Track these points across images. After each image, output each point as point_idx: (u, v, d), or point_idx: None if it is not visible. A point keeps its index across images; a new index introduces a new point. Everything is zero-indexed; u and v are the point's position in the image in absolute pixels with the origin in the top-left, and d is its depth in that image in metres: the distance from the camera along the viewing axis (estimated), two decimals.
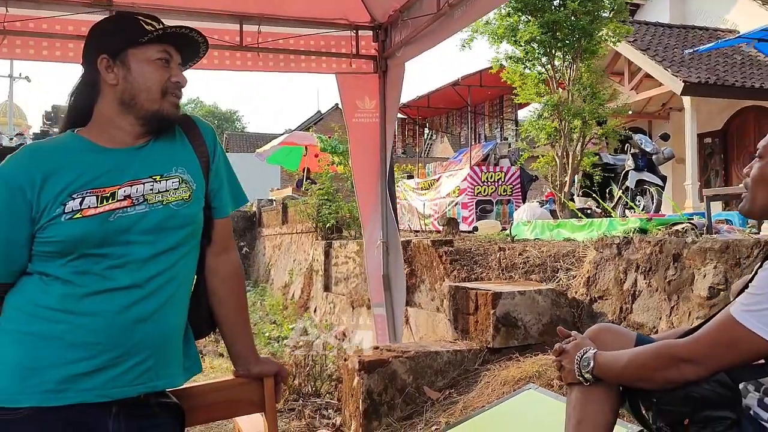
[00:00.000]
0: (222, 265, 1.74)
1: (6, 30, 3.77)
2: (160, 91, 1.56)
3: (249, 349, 1.80)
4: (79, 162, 1.50)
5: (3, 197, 1.46)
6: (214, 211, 1.70)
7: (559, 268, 4.62)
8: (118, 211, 1.47)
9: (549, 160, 8.09)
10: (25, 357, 1.43)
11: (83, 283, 1.46)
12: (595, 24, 7.50)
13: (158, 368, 1.53)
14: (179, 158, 1.61)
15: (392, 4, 4.23)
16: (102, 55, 1.54)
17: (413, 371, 3.67)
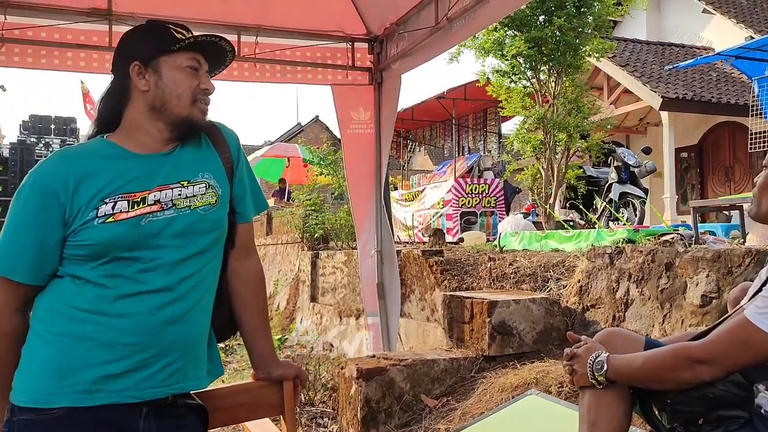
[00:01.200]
0: (245, 269, 1.78)
1: (4, 38, 3.77)
2: (191, 98, 1.60)
3: (269, 352, 1.84)
4: (111, 167, 1.53)
5: (37, 201, 1.48)
6: (238, 216, 1.74)
7: (550, 278, 4.70)
8: (148, 215, 1.51)
9: (534, 173, 8.21)
10: (59, 358, 1.45)
11: (115, 285, 1.48)
12: (580, 39, 7.67)
13: (186, 370, 1.56)
14: (205, 164, 1.65)
15: (389, 17, 4.30)
16: (134, 62, 1.58)
17: (410, 379, 3.71)
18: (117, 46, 1.67)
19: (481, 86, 8.90)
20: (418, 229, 10.49)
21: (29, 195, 1.50)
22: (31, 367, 1.47)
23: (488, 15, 3.42)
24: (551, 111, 7.85)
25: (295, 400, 1.86)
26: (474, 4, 3.43)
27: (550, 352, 3.81)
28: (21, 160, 22.20)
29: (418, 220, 10.66)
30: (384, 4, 4.27)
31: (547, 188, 7.95)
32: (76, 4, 3.94)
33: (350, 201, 4.95)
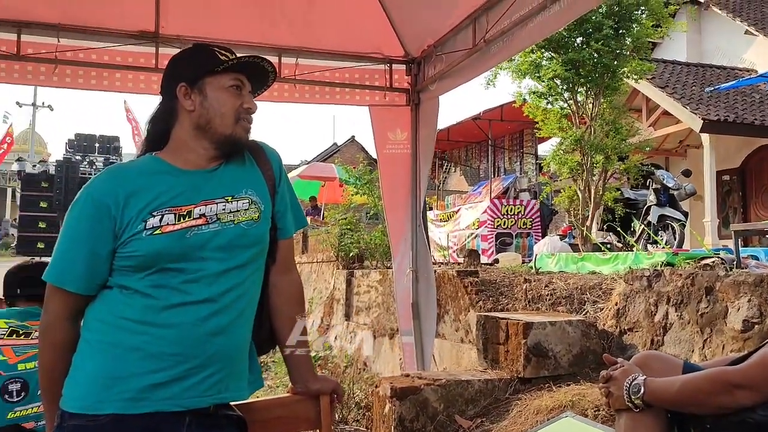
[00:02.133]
0: (285, 284, 1.82)
1: (58, 60, 3.93)
2: (234, 117, 1.66)
3: (307, 366, 1.87)
4: (159, 182, 1.60)
5: (90, 214, 1.56)
6: (279, 232, 1.79)
7: (586, 300, 4.65)
8: (194, 228, 1.56)
9: (571, 194, 8.15)
10: (108, 366, 1.51)
11: (161, 296, 1.54)
12: (619, 61, 7.63)
13: (228, 381, 1.60)
14: (248, 181, 1.71)
15: (426, 40, 4.35)
16: (181, 83, 1.66)
17: (444, 399, 3.70)
18: (165, 69, 1.75)
19: (517, 107, 8.91)
20: (452, 250, 10.48)
21: (83, 209, 1.57)
22: (82, 375, 1.53)
23: (526, 37, 3.44)
24: (589, 132, 7.80)
25: (331, 414, 1.88)
26: (512, 27, 3.46)
27: (586, 375, 3.77)
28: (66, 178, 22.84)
29: (452, 240, 10.65)
30: (422, 27, 4.33)
31: (584, 210, 7.88)
32: (125, 27, 4.08)
33: (386, 220, 4.99)
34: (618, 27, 7.61)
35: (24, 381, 2.08)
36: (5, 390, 2.05)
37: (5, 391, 2.05)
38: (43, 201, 21.50)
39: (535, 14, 3.23)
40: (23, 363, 2.11)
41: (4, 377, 2.07)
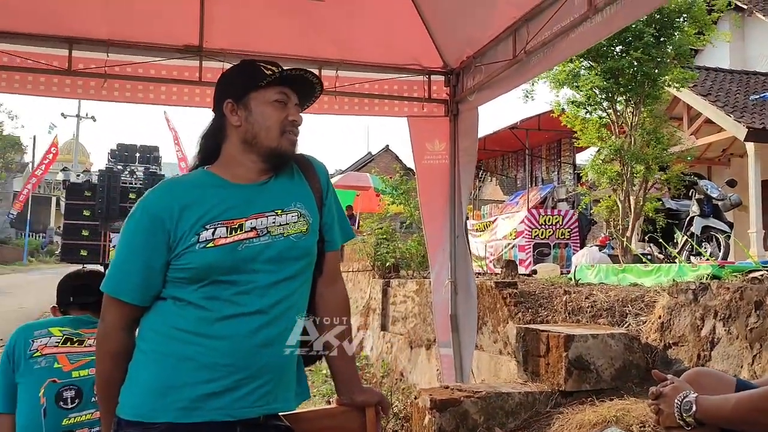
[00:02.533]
0: (332, 295, 1.84)
1: (107, 74, 4.04)
2: (279, 130, 1.69)
3: (353, 377, 1.88)
4: (211, 196, 1.63)
5: (146, 227, 1.60)
6: (326, 245, 1.81)
7: (628, 313, 4.58)
8: (245, 241, 1.60)
9: (610, 205, 8.04)
10: (162, 376, 1.55)
11: (214, 307, 1.57)
12: (660, 70, 7.52)
13: (277, 391, 1.63)
14: (297, 194, 1.73)
15: (465, 51, 4.36)
16: (227, 99, 1.70)
17: (484, 411, 3.67)
18: (215, 87, 1.79)
19: (555, 116, 8.84)
20: (489, 260, 10.41)
21: (138, 222, 1.62)
22: (137, 384, 1.57)
23: (567, 48, 3.42)
24: (629, 142, 7.69)
25: (377, 426, 1.89)
26: (552, 38, 3.44)
27: (629, 389, 3.70)
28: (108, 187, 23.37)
29: (489, 250, 10.58)
30: (461, 38, 4.33)
31: (624, 220, 7.76)
32: (170, 42, 4.18)
33: (424, 231, 4.99)
34: (659, 35, 7.50)
35: (78, 388, 2.12)
36: (60, 397, 2.08)
37: (60, 398, 2.08)
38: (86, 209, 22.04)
39: (576, 25, 3.21)
40: (77, 370, 2.14)
41: (59, 384, 2.10)
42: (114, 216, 21.57)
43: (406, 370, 7.35)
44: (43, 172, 26.86)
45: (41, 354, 2.12)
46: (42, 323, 2.24)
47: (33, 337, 2.15)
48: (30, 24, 3.93)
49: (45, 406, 2.04)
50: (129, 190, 22.40)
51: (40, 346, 2.13)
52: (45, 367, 2.10)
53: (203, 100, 4.30)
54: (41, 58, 3.97)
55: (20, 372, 2.10)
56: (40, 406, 2.04)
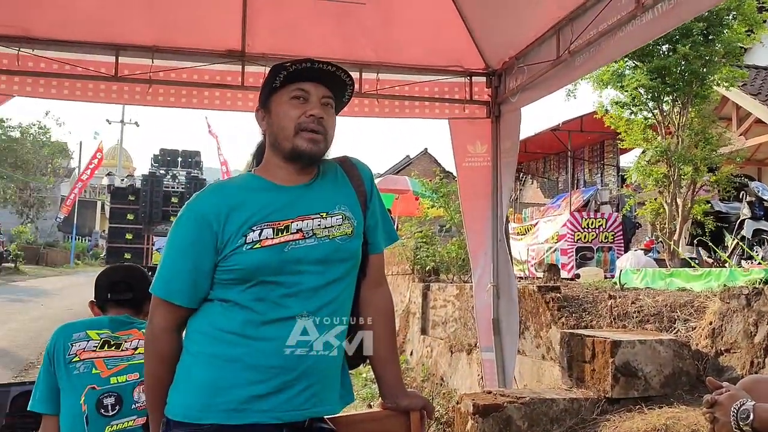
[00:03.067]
0: (376, 299, 1.83)
1: (151, 80, 4.12)
2: (293, 129, 1.64)
3: (397, 381, 1.86)
4: (258, 198, 1.63)
5: (194, 230, 1.61)
6: (370, 247, 1.80)
7: (677, 319, 4.46)
8: (291, 243, 1.59)
9: (656, 207, 7.85)
10: (211, 377, 1.55)
11: (261, 309, 1.57)
12: (708, 68, 7.32)
13: (322, 394, 1.62)
14: (341, 197, 1.72)
15: (508, 52, 4.30)
16: (258, 108, 1.73)
17: (528, 417, 3.61)
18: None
19: (598, 118, 8.68)
20: (530, 264, 10.28)
21: (186, 224, 1.63)
22: (186, 385, 1.58)
23: (614, 48, 3.33)
24: (675, 143, 7.50)
25: (421, 431, 1.86)
26: (598, 37, 3.36)
27: (679, 397, 3.60)
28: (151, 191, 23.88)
29: (530, 254, 10.45)
30: (504, 39, 4.28)
31: (671, 224, 7.57)
32: (213, 47, 4.24)
33: (465, 234, 4.94)
34: (707, 32, 7.30)
35: (118, 395, 2.09)
36: (101, 404, 2.06)
37: (101, 405, 2.06)
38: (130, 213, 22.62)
39: (624, 24, 3.13)
40: (115, 376, 2.11)
41: (99, 391, 2.07)
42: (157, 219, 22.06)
43: (447, 374, 7.30)
44: (89, 176, 27.56)
45: (80, 359, 2.10)
46: (81, 324, 2.20)
47: (72, 341, 2.13)
48: (79, 32, 4.03)
49: (87, 413, 2.03)
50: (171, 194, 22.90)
51: (79, 350, 2.11)
52: (84, 373, 2.08)
53: (245, 105, 4.34)
54: (89, 65, 4.07)
55: (60, 376, 2.09)
56: (83, 413, 2.03)
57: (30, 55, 3.96)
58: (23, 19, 3.90)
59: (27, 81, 4.02)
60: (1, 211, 30.65)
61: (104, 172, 29.58)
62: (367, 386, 7.25)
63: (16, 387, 2.84)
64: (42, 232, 33.44)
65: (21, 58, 3.93)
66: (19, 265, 23.89)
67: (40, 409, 2.11)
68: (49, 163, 33.04)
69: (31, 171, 30.70)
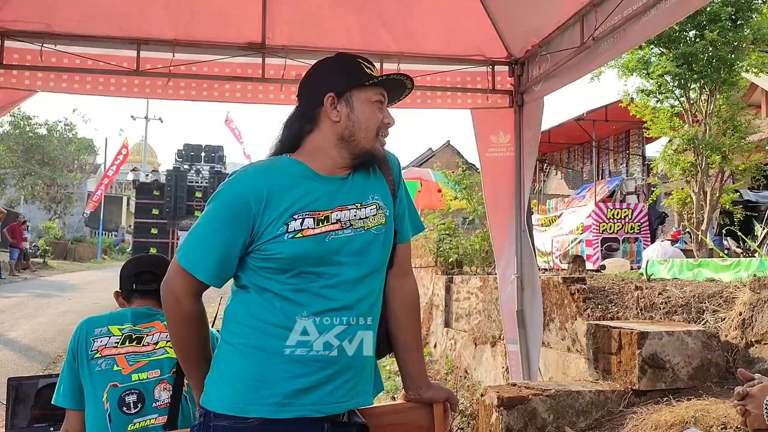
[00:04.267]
0: (402, 289, 1.81)
1: (172, 73, 4.13)
2: (375, 131, 1.66)
3: (421, 373, 1.84)
4: (300, 185, 1.61)
5: (231, 209, 1.57)
6: (398, 236, 1.78)
7: (705, 310, 4.38)
8: (331, 233, 1.58)
9: (683, 197, 7.71)
10: (253, 370, 1.54)
11: (303, 301, 1.56)
12: (736, 54, 7.15)
13: (359, 386, 1.63)
14: (374, 187, 1.71)
15: (531, 39, 4.24)
16: (329, 93, 1.65)
17: (554, 410, 3.57)
18: (307, 77, 1.75)
19: (623, 107, 8.55)
20: (555, 255, 10.18)
21: (224, 202, 1.59)
22: (228, 377, 1.56)
23: (639, 33, 3.26)
24: (703, 131, 7.36)
25: (445, 423, 1.84)
26: (623, 23, 3.29)
27: (708, 389, 3.53)
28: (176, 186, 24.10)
29: (555, 245, 10.34)
30: (526, 27, 4.22)
31: (698, 213, 7.43)
32: (233, 40, 4.23)
33: (489, 225, 4.89)
34: (736, 17, 7.14)
35: (139, 392, 2.06)
36: (123, 402, 2.04)
37: (123, 403, 2.04)
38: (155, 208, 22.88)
39: (650, 7, 3.06)
40: (136, 373, 2.09)
41: (121, 389, 2.05)
42: (181, 214, 22.29)
43: (471, 367, 7.26)
44: (115, 172, 27.91)
45: (101, 355, 2.08)
46: (103, 319, 2.18)
47: (94, 336, 2.11)
48: (100, 27, 4.05)
49: (109, 411, 2.02)
50: (195, 189, 23.11)
51: (101, 347, 2.10)
52: (105, 369, 2.06)
53: (266, 97, 4.33)
54: (111, 60, 4.09)
55: (83, 372, 2.08)
56: (105, 411, 2.02)
57: (53, 50, 4.00)
58: (45, 15, 3.93)
59: (50, 76, 4.06)
60: (29, 207, 31.20)
61: (129, 168, 29.93)
62: (390, 378, 7.25)
63: (43, 379, 2.87)
64: (69, 228, 33.97)
65: (44, 53, 3.97)
66: (48, 260, 24.28)
67: (63, 404, 2.11)
68: (75, 160, 33.49)
69: (58, 167, 31.14)
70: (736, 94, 7.98)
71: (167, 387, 2.08)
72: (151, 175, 25.14)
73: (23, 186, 29.87)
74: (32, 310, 12.29)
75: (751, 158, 7.54)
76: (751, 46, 7.48)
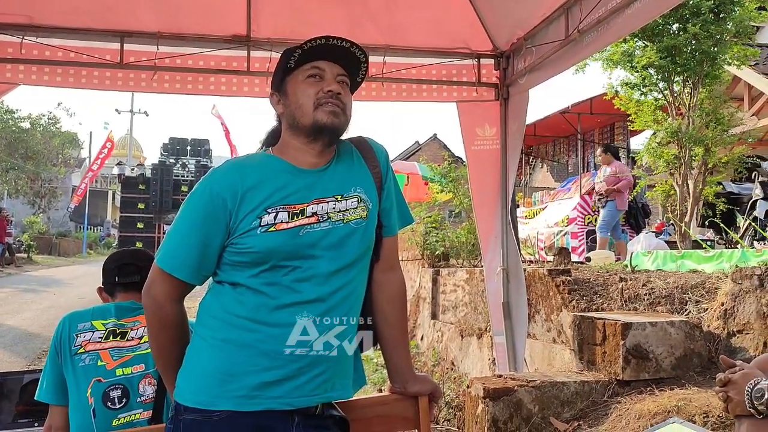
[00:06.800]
0: (388, 283, 1.81)
1: (157, 66, 4.10)
2: (312, 104, 1.63)
3: (407, 366, 1.85)
4: (275, 180, 1.61)
5: (207, 205, 1.58)
6: (384, 230, 1.77)
7: (688, 300, 4.42)
8: (306, 226, 1.57)
9: (667, 189, 7.78)
10: (223, 363, 1.54)
11: (274, 294, 1.55)
12: (719, 47, 7.21)
13: (335, 380, 1.61)
14: (357, 179, 1.70)
15: (516, 32, 4.25)
16: (272, 92, 1.71)
17: (539, 401, 3.60)
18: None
19: (608, 99, 8.59)
20: (540, 248, 10.23)
21: (200, 199, 1.59)
22: (197, 370, 1.57)
23: (623, 26, 3.28)
24: (686, 124, 7.42)
25: (430, 415, 1.86)
26: (607, 15, 3.32)
27: (691, 378, 3.57)
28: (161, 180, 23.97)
29: (540, 238, 10.40)
30: (512, 20, 4.23)
31: (681, 205, 7.50)
32: (218, 33, 4.21)
33: (475, 218, 4.91)
34: (718, 10, 7.19)
35: (124, 387, 2.05)
36: (107, 397, 2.02)
37: (107, 398, 2.02)
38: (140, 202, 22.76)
39: (633, 0, 3.08)
40: (121, 368, 2.07)
41: (105, 384, 2.04)
42: (167, 208, 22.19)
43: (457, 359, 7.30)
44: (99, 166, 27.68)
45: (85, 350, 2.06)
46: (86, 314, 2.16)
47: (77, 331, 2.09)
48: (83, 19, 4.01)
49: (93, 406, 2.00)
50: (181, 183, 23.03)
51: (84, 342, 2.08)
52: (89, 365, 2.05)
53: (251, 90, 4.32)
54: (94, 53, 4.06)
55: (67, 368, 2.06)
56: (89, 406, 2.00)
57: (35, 43, 3.95)
58: (27, 7, 3.89)
59: (32, 69, 4.02)
60: (12, 202, 30.86)
61: (115, 162, 29.71)
62: (378, 371, 7.27)
63: (28, 375, 2.86)
64: (54, 222, 33.67)
65: (25, 46, 3.93)
66: (32, 255, 24.07)
67: (46, 399, 2.09)
68: (59, 154, 33.15)
69: (41, 161, 30.81)
70: (718, 87, 8.05)
71: (152, 382, 2.07)
72: (137, 169, 24.99)
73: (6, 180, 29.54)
74: (17, 306, 12.20)
75: (734, 151, 7.61)
76: (734, 39, 7.54)
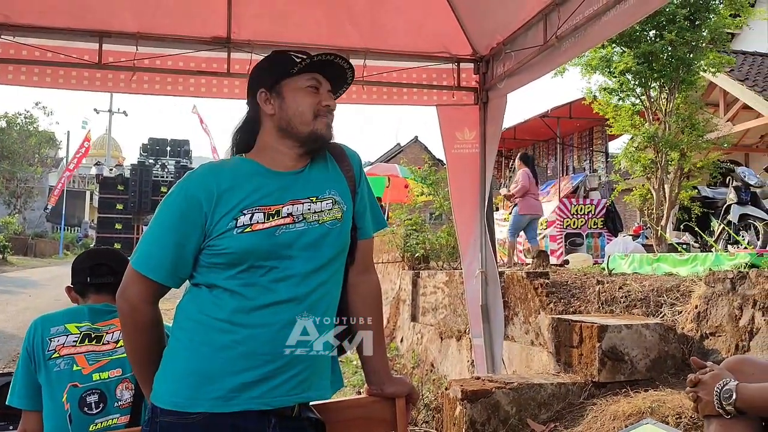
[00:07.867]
0: (363, 285, 1.83)
1: (136, 67, 4.07)
2: (312, 114, 1.68)
3: (383, 368, 1.87)
4: (250, 182, 1.63)
5: (182, 208, 1.59)
6: (359, 233, 1.80)
7: (663, 303, 4.49)
8: (282, 227, 1.59)
9: (644, 193, 7.89)
10: (199, 365, 1.54)
11: (250, 295, 1.57)
12: (694, 54, 7.33)
13: (312, 380, 1.63)
14: (332, 182, 1.73)
15: (495, 37, 4.29)
16: (261, 89, 1.71)
17: (516, 403, 3.63)
18: (248, 79, 1.79)
19: (587, 104, 8.70)
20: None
21: (176, 201, 1.61)
22: (174, 373, 1.57)
23: (600, 32, 3.33)
24: (663, 129, 7.53)
25: (406, 416, 1.87)
26: (585, 22, 3.36)
27: (665, 380, 3.63)
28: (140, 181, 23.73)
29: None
30: (491, 24, 4.27)
31: (658, 209, 7.61)
32: (198, 34, 4.19)
33: (455, 221, 4.94)
34: (694, 18, 7.31)
35: (101, 392, 2.01)
36: (84, 402, 1.98)
37: (84, 403, 1.98)
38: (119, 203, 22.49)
39: (610, 8, 3.13)
40: (97, 372, 2.03)
41: (81, 389, 2.00)
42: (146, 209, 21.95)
43: (437, 361, 7.32)
44: (76, 165, 27.35)
45: (59, 355, 2.01)
46: (59, 316, 2.10)
47: (50, 335, 2.04)
48: (61, 19, 3.97)
49: (69, 412, 1.96)
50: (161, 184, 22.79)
51: (58, 346, 2.03)
52: (65, 369, 2.00)
53: (232, 92, 4.30)
54: (72, 53, 4.01)
55: (40, 373, 2.01)
56: (65, 412, 1.96)
57: (11, 42, 3.90)
58: (4, 6, 3.83)
59: (8, 69, 3.96)
60: None
61: (93, 162, 29.37)
62: (357, 374, 7.27)
63: (3, 378, 2.81)
64: (30, 223, 33.21)
65: (1, 45, 3.88)
66: (7, 256, 23.71)
67: (19, 405, 2.04)
68: (36, 153, 32.73)
69: (17, 161, 30.39)
70: (694, 94, 8.19)
71: (129, 386, 2.04)
72: (115, 170, 24.72)
73: None
74: None
75: (709, 156, 7.74)
76: (709, 46, 7.67)
